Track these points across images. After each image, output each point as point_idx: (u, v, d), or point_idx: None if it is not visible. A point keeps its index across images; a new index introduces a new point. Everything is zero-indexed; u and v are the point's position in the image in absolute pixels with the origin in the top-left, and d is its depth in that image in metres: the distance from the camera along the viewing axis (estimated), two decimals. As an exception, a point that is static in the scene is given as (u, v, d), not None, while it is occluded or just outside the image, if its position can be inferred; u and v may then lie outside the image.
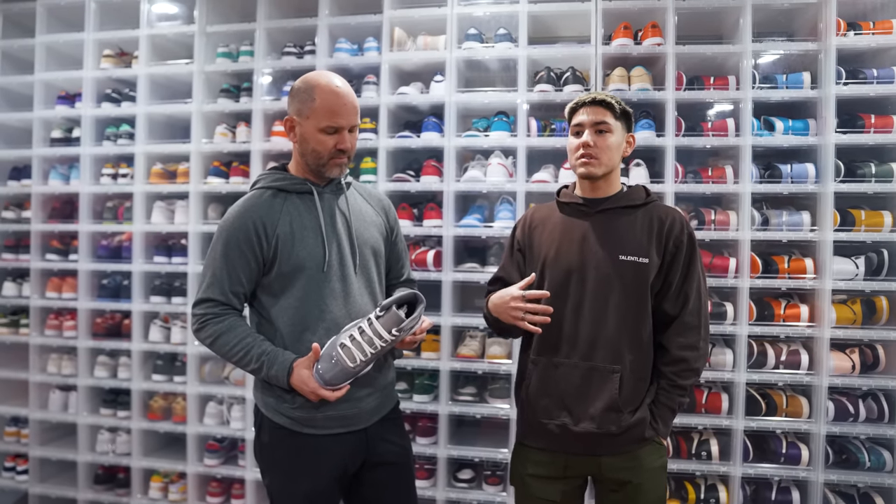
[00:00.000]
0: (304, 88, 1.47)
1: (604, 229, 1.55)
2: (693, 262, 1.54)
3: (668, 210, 1.59)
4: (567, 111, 1.63)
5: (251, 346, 1.44)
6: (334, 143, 1.46)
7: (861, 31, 2.35)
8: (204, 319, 1.46)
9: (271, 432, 1.51)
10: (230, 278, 1.45)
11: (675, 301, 1.53)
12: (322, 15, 2.62)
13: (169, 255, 2.77)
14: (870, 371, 2.32)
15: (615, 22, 2.49)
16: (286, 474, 1.50)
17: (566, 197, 1.65)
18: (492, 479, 2.47)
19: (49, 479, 2.91)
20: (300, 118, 1.47)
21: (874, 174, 2.30)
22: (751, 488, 2.38)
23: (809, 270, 2.32)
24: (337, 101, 1.44)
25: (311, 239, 1.48)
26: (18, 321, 2.96)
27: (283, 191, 1.51)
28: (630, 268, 1.51)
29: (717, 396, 2.36)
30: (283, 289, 1.48)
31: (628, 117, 1.59)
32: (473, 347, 2.52)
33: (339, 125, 1.45)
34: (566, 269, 1.54)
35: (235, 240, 1.45)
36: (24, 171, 2.99)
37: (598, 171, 1.55)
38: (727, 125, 2.42)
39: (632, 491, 1.51)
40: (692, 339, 1.52)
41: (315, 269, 1.47)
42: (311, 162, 1.50)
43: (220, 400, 2.72)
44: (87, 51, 2.84)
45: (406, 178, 2.57)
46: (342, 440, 1.50)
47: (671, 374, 1.52)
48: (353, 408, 1.50)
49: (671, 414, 1.54)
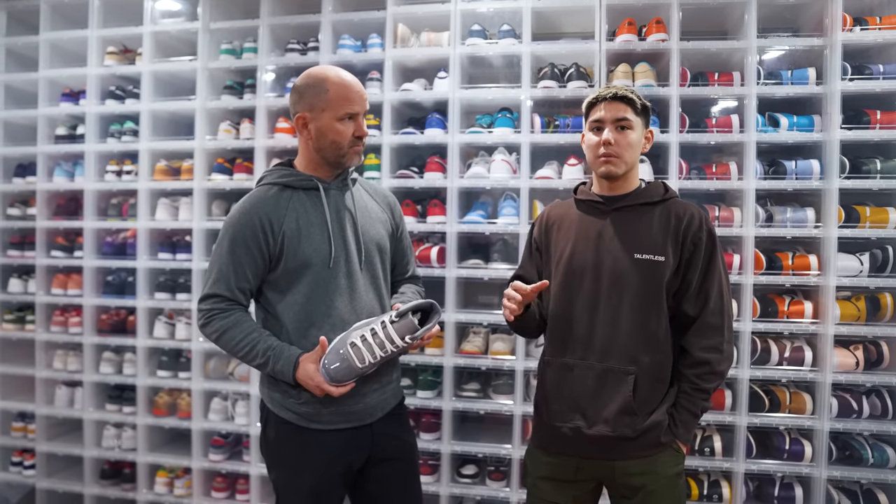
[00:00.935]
0: (312, 84, 1.47)
1: (620, 227, 1.52)
2: (713, 260, 1.49)
3: (686, 207, 1.54)
4: (585, 106, 1.58)
5: (257, 341, 1.45)
6: (352, 130, 1.48)
7: (867, 26, 2.33)
8: (210, 315, 1.47)
9: (277, 427, 1.52)
10: (236, 274, 1.46)
11: (696, 301, 1.49)
12: (325, 11, 2.62)
13: (173, 252, 2.78)
14: (874, 368, 2.31)
15: (619, 18, 2.47)
16: (292, 469, 1.51)
17: (583, 194, 1.62)
18: (495, 474, 2.48)
19: (56, 473, 2.93)
20: (314, 113, 1.47)
21: (879, 170, 2.29)
22: (754, 484, 2.39)
23: (814, 267, 2.32)
24: (350, 88, 1.48)
25: (317, 235, 1.48)
26: (24, 317, 2.97)
27: (290, 187, 1.52)
28: (645, 266, 1.47)
29: (721, 393, 2.36)
30: (289, 285, 1.48)
31: (647, 112, 1.56)
32: (477, 344, 2.52)
33: (355, 111, 1.47)
34: (581, 268, 1.52)
35: (242, 236, 1.45)
36: (28, 168, 3.00)
37: (619, 171, 1.52)
38: (731, 121, 2.41)
39: (644, 498, 1.47)
40: (715, 340, 1.47)
41: (321, 265, 1.48)
42: (330, 154, 1.50)
43: (225, 396, 2.74)
44: (90, 48, 2.84)
45: (410, 174, 2.57)
46: (348, 436, 1.51)
47: (693, 376, 1.47)
48: (358, 403, 1.51)
49: (693, 419, 1.49)
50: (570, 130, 2.49)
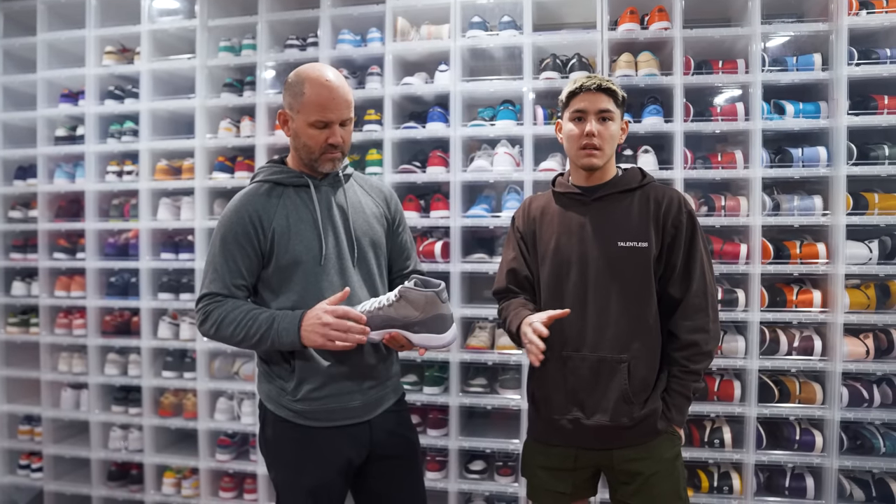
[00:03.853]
0: (295, 81, 1.45)
1: (601, 217, 1.52)
2: (694, 241, 1.50)
3: (665, 190, 1.54)
4: (565, 94, 1.55)
5: (258, 314, 1.41)
6: (325, 137, 1.43)
7: (874, 9, 2.30)
8: (206, 309, 1.45)
9: (275, 426, 1.51)
10: (230, 272, 1.45)
11: (680, 283, 1.50)
12: (324, 6, 2.59)
13: (176, 252, 2.77)
14: (884, 356, 2.29)
15: (621, 7, 2.45)
16: (291, 468, 1.50)
17: (562, 187, 1.61)
18: (503, 469, 2.47)
19: (63, 476, 2.93)
20: (292, 112, 1.45)
21: (888, 156, 2.26)
22: (764, 475, 2.37)
23: (822, 255, 2.29)
24: (327, 94, 1.41)
25: (307, 232, 1.47)
26: (28, 320, 2.97)
27: (280, 184, 1.50)
28: (630, 253, 1.48)
29: (730, 384, 2.35)
30: (282, 283, 1.47)
31: (625, 103, 1.56)
32: (483, 339, 2.51)
33: (328, 119, 1.42)
34: (567, 261, 1.52)
35: (233, 234, 1.44)
36: (29, 171, 2.99)
37: (600, 163, 1.52)
38: (736, 109, 2.38)
39: (644, 482, 1.48)
40: (700, 321, 1.48)
41: (312, 262, 1.46)
42: (303, 157, 1.48)
43: (231, 395, 2.73)
44: (88, 48, 2.82)
45: (412, 169, 2.55)
46: (346, 432, 1.49)
47: (682, 359, 1.49)
48: (354, 399, 1.49)
49: (686, 401, 1.51)
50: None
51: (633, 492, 1.49)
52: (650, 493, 1.48)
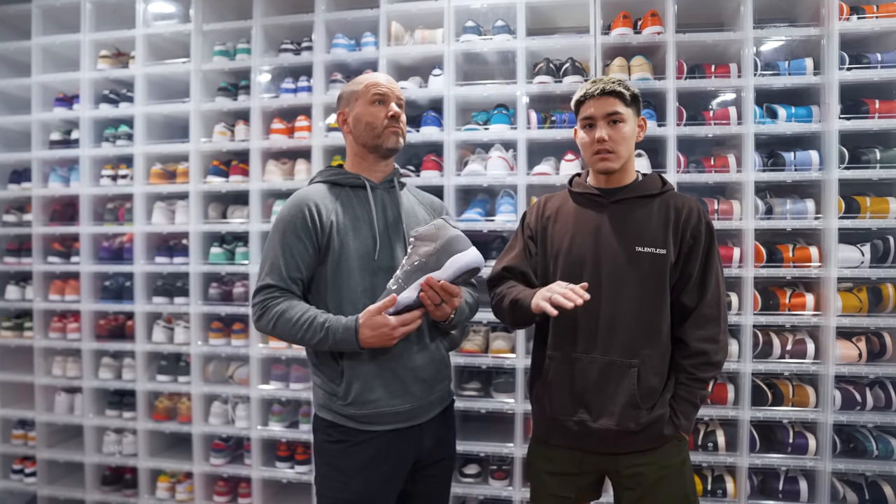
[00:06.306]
0: (349, 86, 1.60)
1: (619, 220, 1.51)
2: (711, 252, 1.50)
3: (684, 199, 1.54)
4: (574, 104, 1.58)
5: (315, 316, 1.43)
6: (385, 112, 1.53)
7: (864, 14, 2.32)
8: (264, 304, 1.45)
9: (325, 432, 1.51)
10: (288, 264, 1.46)
11: (695, 293, 1.49)
12: (318, 11, 2.60)
13: (170, 256, 2.77)
14: (877, 359, 2.30)
15: (614, 11, 2.46)
16: (339, 471, 1.48)
17: (579, 187, 1.60)
18: (498, 473, 2.47)
19: (57, 480, 2.92)
20: (350, 106, 1.56)
21: (879, 160, 2.27)
22: (758, 478, 2.37)
23: (814, 259, 2.30)
24: (381, 77, 1.58)
25: (363, 230, 1.50)
26: (22, 324, 2.96)
27: (338, 185, 1.55)
28: (647, 259, 1.47)
29: (723, 387, 2.35)
30: (336, 280, 1.48)
31: (637, 101, 1.55)
32: (477, 342, 2.51)
33: (384, 92, 1.54)
34: (581, 262, 1.51)
35: (292, 226, 1.47)
36: (24, 175, 2.99)
37: (616, 166, 1.52)
38: (729, 113, 2.39)
39: (649, 488, 1.47)
40: (711, 331, 1.48)
41: (366, 260, 1.49)
42: (367, 139, 1.54)
43: (225, 399, 2.72)
44: (83, 52, 2.83)
45: (406, 173, 2.56)
46: (395, 436, 1.49)
47: (690, 367, 1.48)
48: (405, 403, 1.49)
49: (693, 408, 1.50)
50: (567, 126, 2.47)
51: (637, 497, 1.48)
52: (655, 499, 1.47)
